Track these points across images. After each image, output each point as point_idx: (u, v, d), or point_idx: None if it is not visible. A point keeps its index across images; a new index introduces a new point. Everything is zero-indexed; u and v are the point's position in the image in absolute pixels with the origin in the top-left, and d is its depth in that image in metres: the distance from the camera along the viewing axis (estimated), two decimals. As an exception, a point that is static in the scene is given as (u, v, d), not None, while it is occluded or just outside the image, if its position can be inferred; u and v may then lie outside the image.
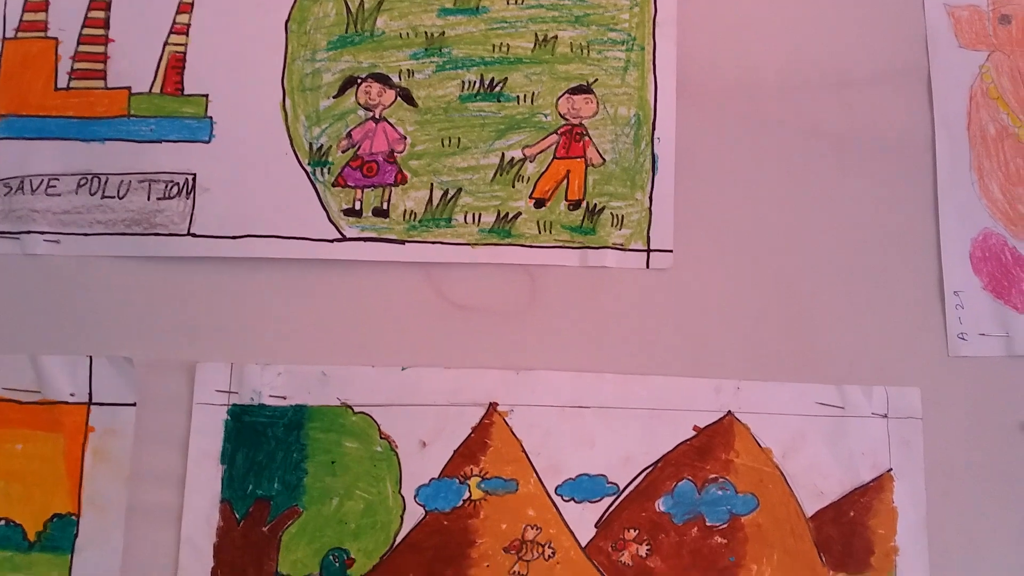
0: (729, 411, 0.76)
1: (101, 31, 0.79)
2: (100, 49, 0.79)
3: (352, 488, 0.74)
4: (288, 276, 0.77)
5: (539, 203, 0.78)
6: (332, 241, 0.77)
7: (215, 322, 0.76)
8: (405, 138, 0.78)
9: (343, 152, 0.78)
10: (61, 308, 0.76)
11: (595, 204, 0.78)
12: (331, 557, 0.74)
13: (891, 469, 0.76)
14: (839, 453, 0.76)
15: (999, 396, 0.77)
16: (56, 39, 0.79)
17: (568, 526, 0.74)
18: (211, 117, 0.77)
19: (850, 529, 0.75)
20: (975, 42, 0.80)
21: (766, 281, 0.78)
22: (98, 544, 0.73)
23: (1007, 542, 0.76)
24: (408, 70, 0.78)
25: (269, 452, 0.74)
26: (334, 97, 0.78)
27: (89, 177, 0.77)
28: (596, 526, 0.74)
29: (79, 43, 0.79)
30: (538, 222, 0.78)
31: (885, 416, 0.76)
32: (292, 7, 0.79)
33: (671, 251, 0.78)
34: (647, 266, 0.78)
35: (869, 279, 0.78)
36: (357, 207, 0.77)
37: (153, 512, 0.74)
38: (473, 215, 0.78)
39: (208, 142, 0.78)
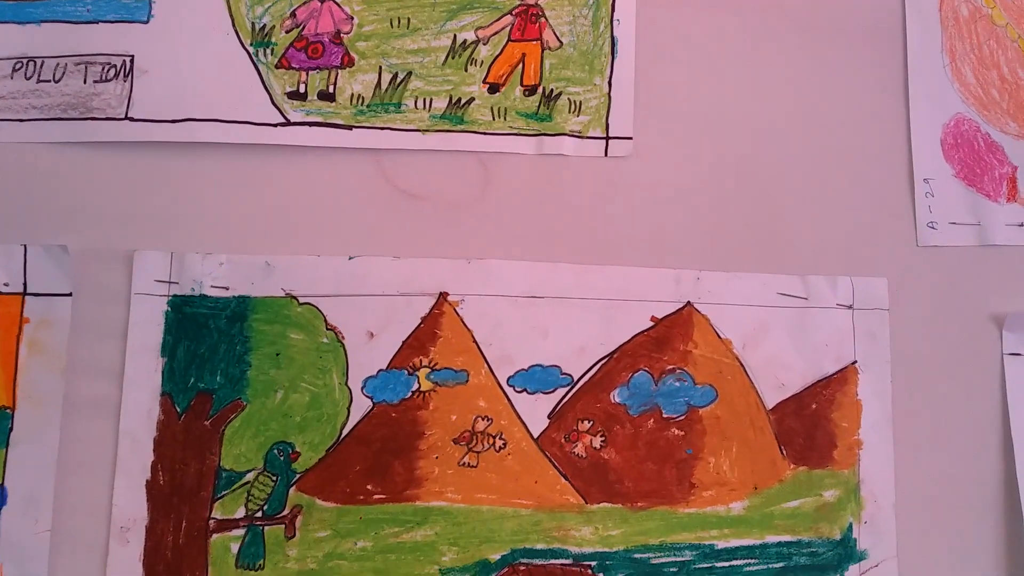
0: (688, 302, 0.73)
1: (32, -94, 0.75)
2: (32, -75, 0.75)
3: (297, 380, 0.71)
4: (230, 162, 0.74)
5: (493, 88, 0.75)
6: (276, 126, 0.74)
7: (154, 210, 0.73)
8: (352, 18, 0.75)
9: (287, 32, 0.75)
10: (-7, 195, 0.73)
11: (552, 89, 0.75)
12: (276, 451, 0.71)
13: (856, 361, 0.73)
14: (802, 345, 0.73)
15: (969, 287, 0.75)
16: (-14, -84, 0.75)
17: (520, 417, 0.71)
18: (149, -4, 0.74)
19: (812, 422, 0.72)
20: (948, -80, 0.77)
21: (728, 169, 0.75)
22: (33, 438, 0.70)
23: (972, 435, 0.73)
24: (355, -53, 0.75)
25: (211, 344, 0.72)
26: (278, -25, 0.75)
27: (24, 61, 0.74)
28: (549, 417, 0.72)
29: (10, -81, 0.75)
30: (492, 108, 0.75)
31: (850, 307, 0.74)
32: None
33: (630, 138, 0.75)
34: (605, 154, 0.75)
35: (835, 166, 0.75)
36: (302, 90, 0.74)
37: (91, 405, 0.71)
38: (424, 100, 0.74)
39: (146, 22, 0.74)
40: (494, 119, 0.75)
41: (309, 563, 0.70)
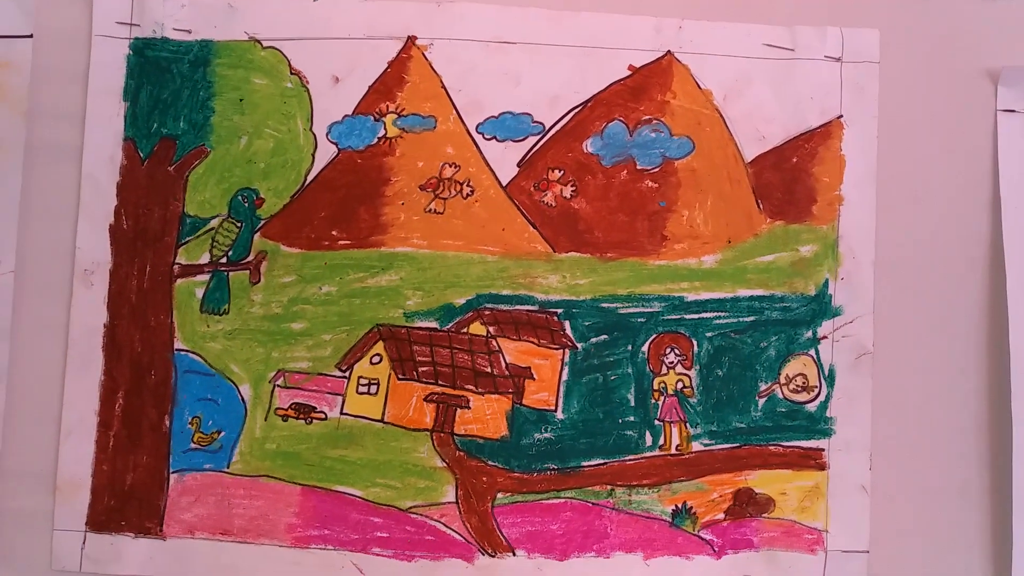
0: (668, 51, 0.70)
1: None
2: None
3: (261, 126, 0.70)
4: None
5: None
6: None
7: (112, -53, 0.70)
8: None
9: None
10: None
11: None
12: (240, 198, 0.70)
13: (841, 115, 0.70)
14: (785, 97, 0.70)
15: (964, 40, 0.71)
16: None
17: (488, 165, 0.69)
18: None
19: (792, 176, 0.70)
20: None
21: (716, -89, 0.71)
22: (-4, 182, 0.69)
23: (960, 196, 0.70)
24: None
25: (174, 90, 0.70)
26: None
27: None
28: (518, 165, 0.69)
29: None
30: None
31: (839, 59, 0.70)
32: None
33: None
34: None
35: (830, -92, 0.71)
36: None
37: (53, 149, 0.70)
38: None
39: None
40: None
41: (274, 308, 0.69)
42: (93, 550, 0.68)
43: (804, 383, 0.69)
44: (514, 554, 0.67)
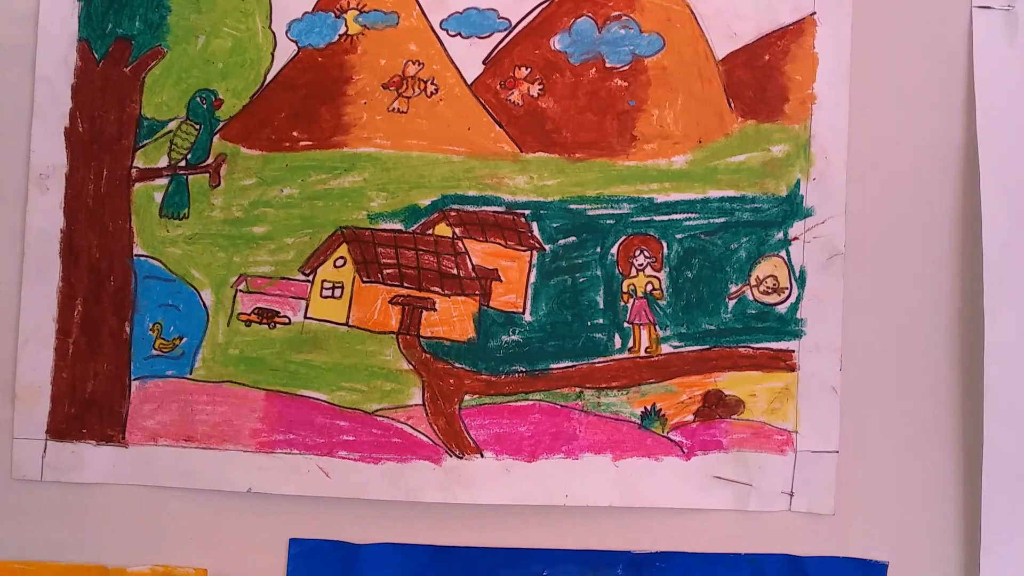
0: (638, -55, 0.68)
1: None
2: None
3: (219, 25, 0.68)
4: None
5: None
6: None
7: None
8: None
9: None
10: None
11: None
12: (198, 99, 0.68)
13: (815, 12, 0.69)
14: (757, -7, 0.68)
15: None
16: None
17: (453, 62, 0.67)
18: None
19: (764, 74, 0.68)
20: None
21: None
22: (-54, 84, 0.67)
23: (934, 95, 0.69)
24: None
25: (129, -12, 0.67)
26: None
27: None
28: (484, 63, 0.68)
29: None
30: None
31: (812, -45, 0.68)
32: None
33: None
34: None
35: None
36: None
37: (5, 52, 0.68)
38: None
39: None
40: None
41: (234, 211, 0.67)
42: (54, 458, 0.67)
43: (775, 285, 0.68)
44: (482, 456, 0.67)
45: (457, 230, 0.67)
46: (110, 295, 0.67)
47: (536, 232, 0.67)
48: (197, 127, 0.68)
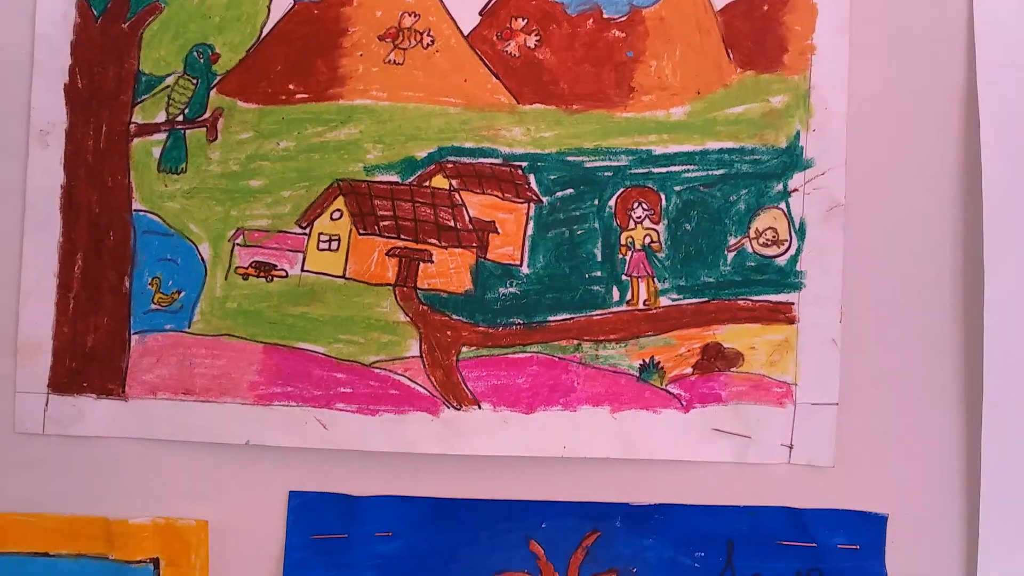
0: None
1: None
2: None
3: (216, -21, 0.67)
4: None
5: None
6: None
7: None
8: None
9: None
10: None
11: None
12: (195, 54, 0.68)
13: (814, -39, 0.68)
14: (756, -58, 0.67)
15: None
16: None
17: (449, 13, 0.67)
18: None
19: (763, 24, 0.68)
20: None
21: None
22: (-54, 39, 0.67)
23: (935, 44, 0.68)
24: None
25: (125, -56, 0.67)
26: None
27: None
28: (480, 14, 0.68)
29: None
30: None
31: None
32: None
33: None
34: None
35: None
36: None
37: (5, 9, 0.68)
38: None
39: None
40: None
41: (232, 165, 0.67)
42: (56, 412, 0.67)
43: (774, 237, 0.68)
44: (479, 407, 0.67)
45: (454, 182, 0.67)
46: (110, 250, 0.68)
47: (533, 184, 0.67)
48: (194, 81, 0.68)
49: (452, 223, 0.67)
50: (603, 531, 0.67)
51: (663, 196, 0.67)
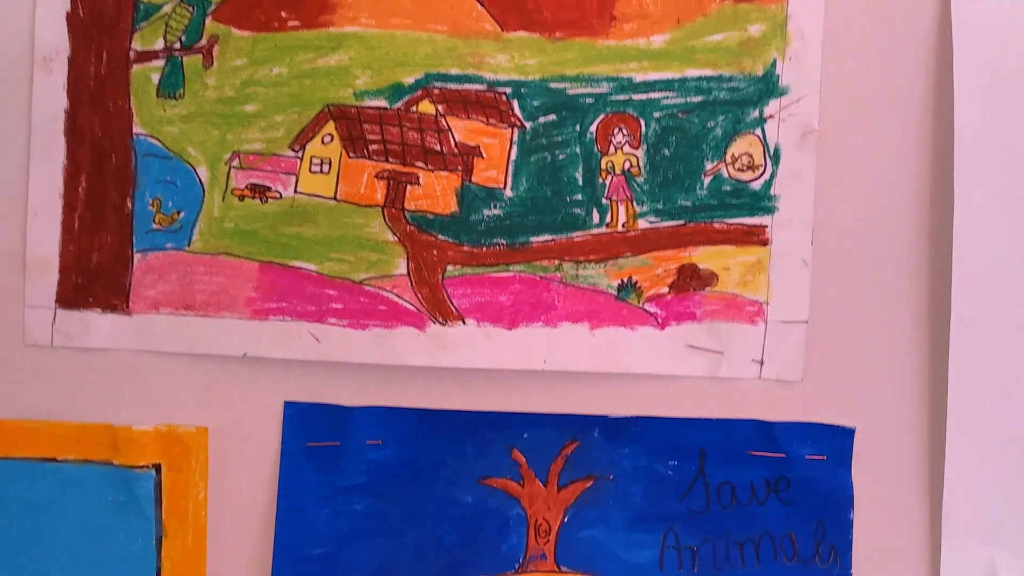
0: None
1: None
2: None
3: (211, -91, 0.69)
4: None
5: None
6: None
7: None
8: None
9: None
10: None
11: None
12: (192, -18, 0.70)
13: None
14: None
15: None
16: None
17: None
18: None
19: (741, -46, 0.69)
20: None
21: None
22: (-48, -32, 0.70)
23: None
24: None
25: None
26: None
27: None
28: (466, -57, 0.69)
29: None
30: None
31: None
32: None
33: None
34: None
35: None
36: None
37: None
38: None
39: None
40: None
41: (227, 91, 0.70)
42: (63, 325, 0.71)
43: (750, 162, 0.70)
44: (464, 323, 0.70)
45: (440, 107, 0.69)
46: (112, 172, 0.70)
47: (517, 110, 0.70)
48: (191, 9, 0.70)
49: (438, 147, 0.69)
50: (581, 441, 0.71)
51: (643, 122, 0.70)
